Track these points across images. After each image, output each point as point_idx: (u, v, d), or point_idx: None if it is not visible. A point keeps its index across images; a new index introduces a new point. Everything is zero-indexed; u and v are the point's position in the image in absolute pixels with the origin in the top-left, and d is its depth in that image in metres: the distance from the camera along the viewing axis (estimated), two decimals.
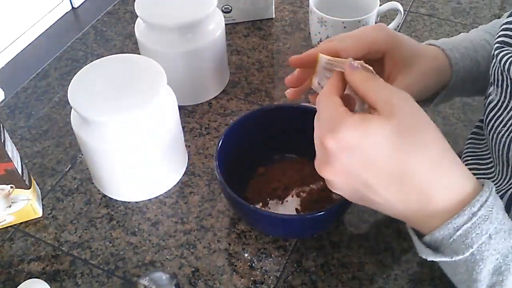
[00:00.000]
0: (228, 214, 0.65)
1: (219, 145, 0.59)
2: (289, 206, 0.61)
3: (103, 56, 0.65)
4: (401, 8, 0.80)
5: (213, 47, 0.74)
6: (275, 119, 0.65)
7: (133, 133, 0.59)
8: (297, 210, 0.61)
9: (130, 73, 0.62)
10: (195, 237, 0.63)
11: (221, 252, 0.61)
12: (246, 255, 0.61)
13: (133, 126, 0.59)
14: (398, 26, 0.84)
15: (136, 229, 0.64)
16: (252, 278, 0.59)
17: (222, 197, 0.66)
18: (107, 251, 0.62)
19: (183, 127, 0.71)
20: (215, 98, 0.80)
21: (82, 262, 0.61)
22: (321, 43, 0.53)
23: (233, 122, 0.63)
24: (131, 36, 0.91)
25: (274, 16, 0.94)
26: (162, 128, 0.62)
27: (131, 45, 0.90)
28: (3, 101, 0.83)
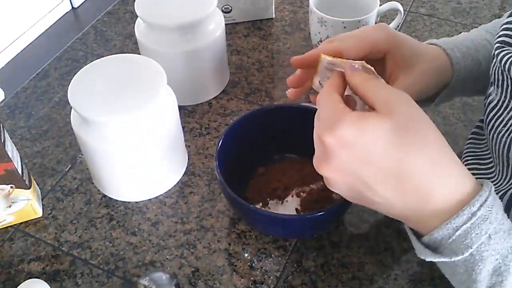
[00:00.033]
0: (228, 214, 0.65)
1: (219, 145, 0.59)
2: (289, 206, 0.61)
3: (103, 56, 0.65)
4: (401, 8, 0.80)
5: (213, 47, 0.74)
6: (275, 119, 0.65)
7: (133, 133, 0.59)
8: (297, 210, 0.61)
9: (130, 73, 0.62)
10: (195, 237, 0.63)
11: (221, 252, 0.61)
12: (246, 255, 0.61)
13: (133, 126, 0.59)
14: (398, 26, 0.84)
15: (136, 229, 0.64)
16: (252, 278, 0.59)
17: (222, 197, 0.66)
18: (107, 251, 0.62)
19: (183, 127, 0.71)
20: (215, 98, 0.80)
21: (82, 262, 0.61)
22: (322, 43, 0.53)
23: (233, 122, 0.63)
24: (131, 36, 0.91)
25: (274, 16, 0.94)
26: (162, 128, 0.62)
27: (131, 45, 0.90)
28: (3, 101, 0.83)
